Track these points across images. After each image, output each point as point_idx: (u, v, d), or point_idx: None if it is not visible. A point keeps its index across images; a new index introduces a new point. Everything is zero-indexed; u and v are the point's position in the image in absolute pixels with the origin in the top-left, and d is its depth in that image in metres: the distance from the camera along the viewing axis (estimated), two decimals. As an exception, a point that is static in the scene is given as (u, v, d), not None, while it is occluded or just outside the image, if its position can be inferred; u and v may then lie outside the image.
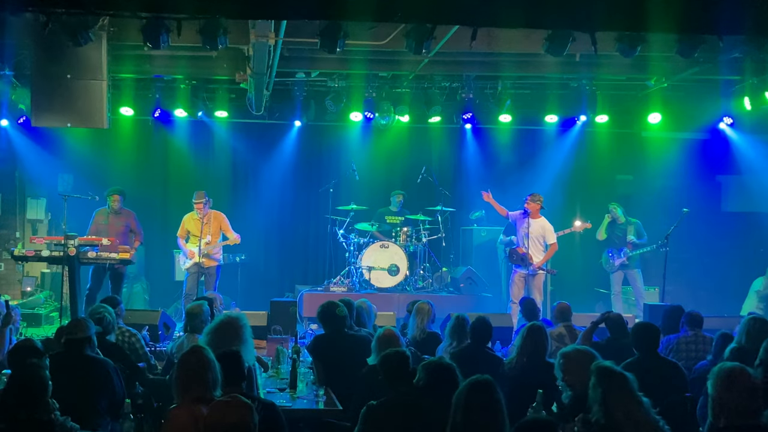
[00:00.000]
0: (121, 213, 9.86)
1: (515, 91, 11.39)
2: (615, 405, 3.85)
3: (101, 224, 9.73)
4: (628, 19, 6.45)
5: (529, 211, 10.01)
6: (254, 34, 7.56)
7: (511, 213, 10.29)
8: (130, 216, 9.94)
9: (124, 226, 9.80)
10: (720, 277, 11.95)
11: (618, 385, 3.92)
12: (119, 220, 9.81)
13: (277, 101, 11.48)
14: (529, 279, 9.95)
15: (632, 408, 3.85)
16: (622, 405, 3.85)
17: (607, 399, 3.88)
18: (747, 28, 6.59)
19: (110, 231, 9.59)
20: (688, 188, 12.05)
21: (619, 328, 6.62)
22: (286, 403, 5.24)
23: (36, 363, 4.20)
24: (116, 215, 9.82)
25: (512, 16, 6.39)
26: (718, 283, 11.93)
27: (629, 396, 3.90)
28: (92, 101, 8.49)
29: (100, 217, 9.82)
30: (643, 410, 3.87)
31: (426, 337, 6.86)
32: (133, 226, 9.92)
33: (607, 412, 3.85)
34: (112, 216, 9.80)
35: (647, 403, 3.93)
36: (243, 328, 5.13)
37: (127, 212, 9.95)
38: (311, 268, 12.34)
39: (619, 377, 3.99)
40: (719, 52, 8.89)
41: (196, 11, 6.81)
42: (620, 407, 3.84)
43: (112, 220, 9.78)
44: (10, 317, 6.20)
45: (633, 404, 3.87)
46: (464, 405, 3.74)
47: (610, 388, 3.90)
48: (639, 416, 3.83)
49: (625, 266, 11.00)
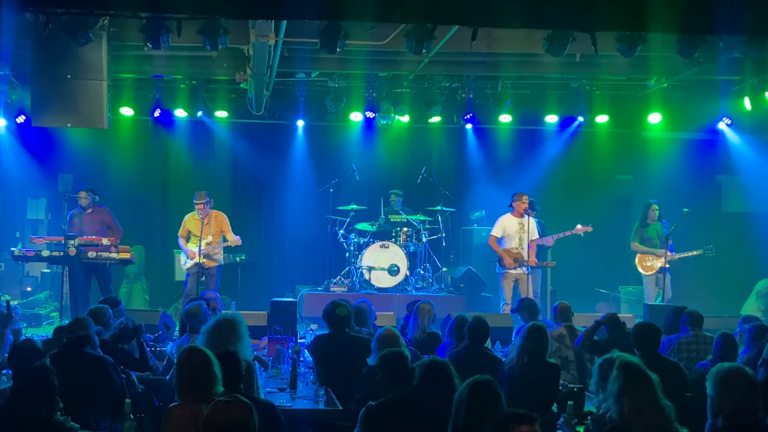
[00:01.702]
0: (94, 212, 9.76)
1: (515, 91, 11.40)
2: (631, 403, 3.81)
3: (76, 226, 9.64)
4: (628, 19, 6.44)
5: (529, 211, 10.14)
6: (254, 34, 7.56)
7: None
8: (104, 212, 9.84)
9: (100, 224, 9.70)
10: (720, 277, 11.94)
11: (637, 383, 3.87)
12: (93, 218, 9.72)
13: (277, 101, 11.49)
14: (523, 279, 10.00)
15: (646, 409, 3.79)
16: (637, 404, 3.80)
17: (623, 395, 3.84)
18: (747, 28, 6.60)
19: (86, 231, 9.52)
20: (688, 188, 12.04)
21: (618, 327, 6.62)
22: (286, 403, 5.24)
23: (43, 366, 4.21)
24: (89, 214, 9.72)
25: (512, 16, 6.38)
26: (718, 283, 11.93)
27: (648, 396, 3.85)
28: (92, 101, 8.49)
29: (75, 219, 9.74)
30: (658, 414, 3.80)
31: (426, 337, 6.86)
32: (109, 222, 9.79)
33: (621, 409, 3.81)
34: (85, 215, 9.72)
35: (669, 407, 3.85)
36: (239, 326, 5.14)
37: (101, 209, 9.85)
38: (311, 268, 12.33)
39: (640, 375, 3.93)
40: (719, 52, 8.90)
41: (196, 11, 6.82)
42: (635, 406, 3.79)
43: (85, 219, 9.70)
44: (11, 317, 6.20)
45: (648, 405, 3.81)
46: (466, 405, 3.74)
47: (629, 384, 3.86)
48: (651, 419, 3.77)
49: (665, 270, 10.55)
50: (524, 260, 10.08)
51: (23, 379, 4.15)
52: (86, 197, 9.70)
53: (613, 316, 6.85)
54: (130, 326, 6.01)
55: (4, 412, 4.06)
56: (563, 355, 6.81)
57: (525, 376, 5.35)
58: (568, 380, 6.14)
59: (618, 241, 11.48)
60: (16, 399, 4.07)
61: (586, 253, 11.49)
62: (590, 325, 6.82)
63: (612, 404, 3.86)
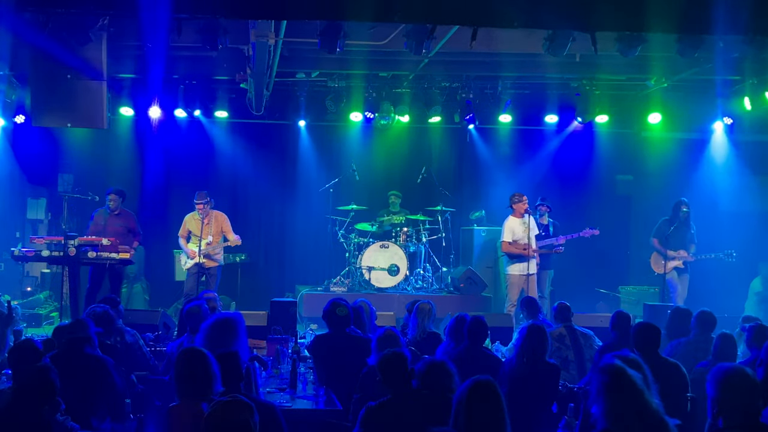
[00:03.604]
0: (120, 214, 9.82)
1: (515, 91, 11.40)
2: (612, 406, 3.78)
3: (100, 225, 9.70)
4: (628, 19, 6.44)
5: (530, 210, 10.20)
6: (254, 34, 7.56)
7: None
8: (129, 217, 9.90)
9: (123, 227, 9.75)
10: (720, 277, 11.93)
11: (617, 386, 3.85)
12: (118, 221, 9.76)
13: (277, 101, 11.48)
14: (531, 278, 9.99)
15: (628, 411, 3.75)
16: (618, 407, 3.75)
17: (603, 398, 3.83)
18: (747, 28, 6.59)
19: (108, 231, 9.56)
20: (688, 188, 12.05)
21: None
22: (286, 403, 5.25)
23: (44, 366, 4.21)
24: (115, 216, 9.78)
25: (512, 16, 6.38)
26: (718, 283, 11.92)
27: (631, 399, 3.81)
28: (92, 101, 8.48)
29: (99, 217, 9.79)
30: (643, 414, 3.78)
31: (426, 337, 6.86)
32: (132, 227, 9.88)
33: (603, 412, 3.79)
34: (110, 217, 9.78)
35: (656, 404, 3.80)
36: (239, 326, 5.14)
37: (126, 213, 9.91)
38: (311, 268, 12.34)
39: (621, 377, 3.90)
40: (719, 52, 8.89)
41: (196, 11, 6.81)
42: (616, 409, 3.75)
43: (110, 220, 9.75)
44: (11, 317, 6.20)
45: (630, 407, 3.77)
46: (466, 405, 3.73)
47: (609, 387, 3.85)
48: (635, 420, 3.74)
49: (681, 270, 10.54)
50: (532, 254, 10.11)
51: (25, 379, 4.16)
52: (115, 200, 9.76)
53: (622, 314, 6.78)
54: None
55: (6, 412, 4.06)
56: (563, 355, 6.80)
57: (525, 376, 5.35)
58: (568, 380, 6.14)
59: (618, 241, 11.49)
60: (18, 399, 4.08)
61: (586, 253, 11.50)
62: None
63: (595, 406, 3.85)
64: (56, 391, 4.08)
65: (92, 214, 9.85)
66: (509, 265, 10.20)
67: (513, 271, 10.14)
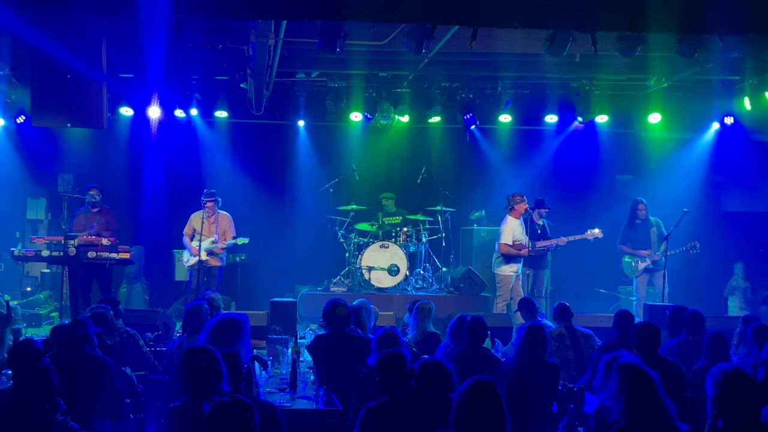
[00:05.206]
0: (100, 211, 9.74)
1: (515, 91, 11.40)
2: (630, 404, 3.78)
3: (81, 224, 9.64)
4: (628, 19, 6.45)
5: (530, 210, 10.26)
6: (254, 34, 7.56)
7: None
8: (108, 214, 9.82)
9: (103, 224, 9.69)
10: (720, 277, 11.94)
11: (637, 384, 3.84)
12: (98, 218, 9.70)
13: (277, 101, 11.48)
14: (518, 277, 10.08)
15: (646, 409, 3.75)
16: (636, 406, 3.76)
17: (622, 396, 3.83)
18: (746, 28, 6.59)
19: (91, 230, 9.52)
20: (688, 188, 12.04)
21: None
22: (286, 403, 5.25)
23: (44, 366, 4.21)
24: (95, 214, 9.70)
25: (512, 16, 6.39)
26: (718, 284, 11.93)
27: (648, 397, 3.81)
28: (92, 101, 8.47)
29: (81, 216, 9.73)
30: (658, 414, 3.77)
31: (426, 337, 6.86)
32: (110, 224, 9.76)
33: (621, 410, 3.79)
34: (90, 215, 9.71)
35: (669, 406, 3.84)
36: (242, 326, 5.13)
37: (106, 210, 9.83)
38: (311, 268, 12.34)
39: (639, 376, 3.90)
40: (719, 52, 8.89)
41: (196, 11, 6.80)
42: (635, 408, 3.76)
43: (90, 218, 9.69)
44: (10, 317, 6.20)
45: (648, 406, 3.77)
46: (466, 405, 3.73)
47: (628, 386, 3.84)
48: (651, 419, 3.74)
49: (651, 270, 10.55)
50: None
51: (25, 379, 4.16)
52: (96, 194, 9.70)
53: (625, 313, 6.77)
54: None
55: (6, 412, 4.06)
56: (563, 355, 6.80)
57: (525, 376, 5.35)
58: (568, 380, 6.14)
59: (618, 241, 11.46)
60: (18, 399, 4.08)
61: (585, 253, 11.49)
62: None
63: (613, 405, 3.86)
64: (56, 391, 4.09)
65: (74, 213, 9.75)
66: (502, 265, 10.26)
67: (504, 271, 10.24)
